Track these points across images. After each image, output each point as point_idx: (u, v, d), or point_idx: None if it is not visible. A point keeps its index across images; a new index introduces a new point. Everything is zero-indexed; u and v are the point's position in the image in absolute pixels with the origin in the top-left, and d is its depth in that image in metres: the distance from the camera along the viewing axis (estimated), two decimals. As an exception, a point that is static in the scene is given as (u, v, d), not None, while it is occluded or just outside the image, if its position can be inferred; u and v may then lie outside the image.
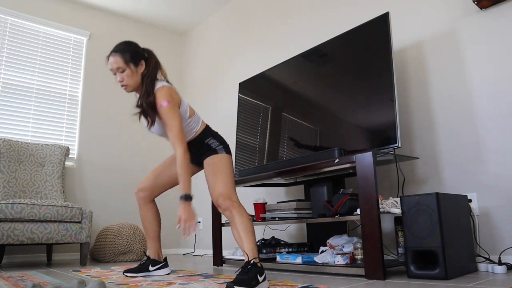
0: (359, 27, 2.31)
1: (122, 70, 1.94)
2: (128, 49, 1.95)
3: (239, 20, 3.92)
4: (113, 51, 1.95)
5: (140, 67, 1.97)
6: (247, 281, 1.46)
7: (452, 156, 2.17)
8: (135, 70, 1.96)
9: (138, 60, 1.96)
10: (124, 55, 1.93)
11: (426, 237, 1.68)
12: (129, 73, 1.94)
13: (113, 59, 1.94)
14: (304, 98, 2.57)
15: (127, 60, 1.93)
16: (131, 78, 1.95)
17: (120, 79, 1.96)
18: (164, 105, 1.86)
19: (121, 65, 1.93)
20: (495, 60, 2.06)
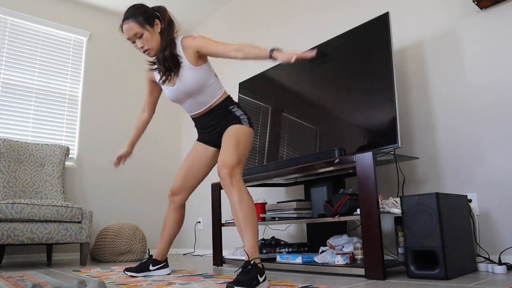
0: (359, 27, 2.31)
1: (139, 35, 1.86)
2: (139, 12, 1.86)
3: (239, 20, 3.92)
4: (124, 19, 1.87)
5: (156, 26, 1.89)
6: (247, 282, 1.44)
7: (452, 156, 2.17)
8: (153, 31, 1.88)
9: (152, 20, 1.88)
10: (137, 19, 1.84)
11: (426, 237, 1.68)
12: (147, 35, 1.86)
13: (128, 26, 1.85)
14: (304, 98, 2.57)
15: (142, 22, 1.85)
16: (151, 40, 1.87)
17: (140, 45, 1.88)
18: (195, 36, 1.83)
19: (138, 30, 1.85)
20: (495, 60, 2.06)
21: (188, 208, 4.28)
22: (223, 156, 1.75)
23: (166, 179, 4.35)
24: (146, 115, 2.27)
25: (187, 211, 4.28)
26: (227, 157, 1.74)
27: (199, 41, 1.83)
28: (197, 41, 1.84)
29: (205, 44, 1.82)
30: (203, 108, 1.98)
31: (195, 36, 1.86)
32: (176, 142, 4.53)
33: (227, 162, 1.72)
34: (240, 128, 1.87)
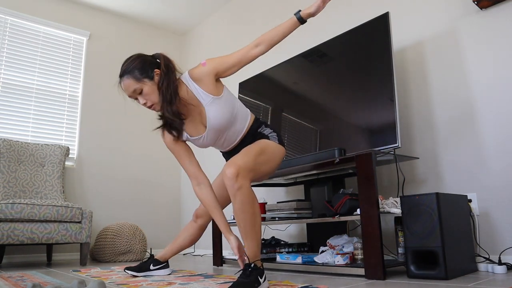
0: (359, 27, 2.31)
1: (139, 91, 1.67)
2: (134, 66, 1.68)
3: (239, 20, 3.92)
4: (120, 75, 1.70)
5: (157, 76, 1.68)
6: (249, 285, 1.44)
7: (452, 156, 2.17)
8: (153, 83, 1.67)
9: (150, 71, 1.67)
10: (133, 74, 1.66)
11: (426, 237, 1.68)
12: (147, 90, 1.66)
13: (125, 84, 1.69)
14: (304, 98, 2.57)
15: (138, 77, 1.66)
16: (152, 94, 1.66)
17: (142, 101, 1.68)
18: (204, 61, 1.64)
19: (135, 86, 1.66)
20: (495, 60, 2.06)
21: (188, 208, 4.28)
22: (237, 156, 1.55)
23: (167, 179, 4.35)
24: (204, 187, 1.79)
25: (188, 210, 4.28)
26: (240, 158, 1.52)
27: (211, 63, 1.64)
28: (209, 64, 1.64)
29: (220, 62, 1.63)
30: (239, 137, 1.78)
31: (203, 62, 1.65)
32: (176, 142, 4.52)
33: (237, 162, 1.50)
34: (268, 142, 1.69)
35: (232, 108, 1.70)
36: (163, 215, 4.25)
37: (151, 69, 1.68)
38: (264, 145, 1.67)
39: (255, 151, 1.60)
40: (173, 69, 1.71)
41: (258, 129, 1.79)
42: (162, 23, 4.53)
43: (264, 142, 1.70)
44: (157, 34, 4.62)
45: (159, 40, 4.63)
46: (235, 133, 1.76)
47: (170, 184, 4.36)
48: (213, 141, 1.76)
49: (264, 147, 1.66)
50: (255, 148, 1.62)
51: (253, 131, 1.78)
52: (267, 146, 1.67)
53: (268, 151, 1.66)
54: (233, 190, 1.48)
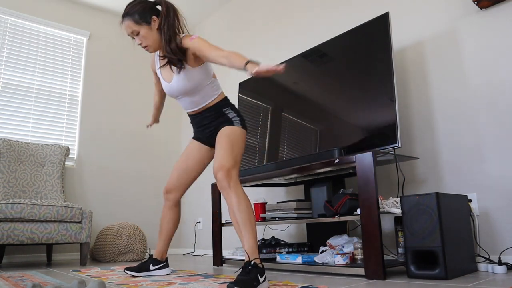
0: (359, 27, 2.31)
1: (136, 32, 1.88)
2: (135, 10, 1.87)
3: (239, 20, 3.92)
4: (122, 16, 1.90)
5: (154, 23, 1.89)
6: (248, 282, 1.45)
7: (452, 156, 2.17)
8: (150, 28, 1.88)
9: (149, 17, 1.88)
10: (133, 17, 1.86)
11: (426, 237, 1.68)
12: (144, 33, 1.88)
13: (125, 24, 1.89)
14: (304, 98, 2.57)
15: (137, 20, 1.86)
16: (149, 37, 1.89)
17: (138, 42, 1.91)
18: (194, 37, 1.82)
19: (134, 28, 1.87)
20: (495, 60, 2.06)
21: (188, 208, 4.28)
22: (219, 159, 1.77)
23: (167, 179, 4.35)
24: (157, 98, 2.31)
25: (187, 211, 4.28)
26: (222, 160, 1.75)
27: (196, 42, 1.81)
28: (194, 42, 1.81)
29: (201, 46, 1.79)
30: (198, 108, 2.01)
31: (193, 37, 1.84)
32: (176, 142, 4.53)
33: (223, 164, 1.73)
34: (233, 130, 1.88)
35: (198, 83, 1.92)
36: (163, 215, 4.24)
37: (150, 15, 1.89)
38: (231, 135, 1.86)
39: (228, 147, 1.80)
40: (175, 14, 1.91)
41: (223, 108, 1.97)
42: (162, 23, 4.52)
43: (230, 131, 1.87)
44: (157, 34, 4.61)
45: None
46: (194, 102, 1.99)
47: (170, 184, 4.36)
48: (172, 95, 2.02)
49: (232, 138, 1.85)
50: (227, 143, 1.82)
51: (217, 109, 1.97)
52: (234, 135, 1.86)
53: (236, 140, 1.85)
54: (227, 190, 1.70)
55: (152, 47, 1.92)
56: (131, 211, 4.02)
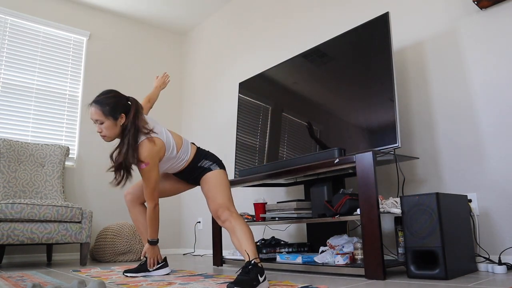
0: (359, 27, 2.31)
1: (100, 122, 1.93)
2: (108, 102, 1.92)
3: (239, 20, 3.92)
4: (93, 102, 1.94)
5: (120, 119, 1.95)
6: (248, 282, 1.45)
7: (452, 156, 2.17)
8: (114, 123, 1.94)
9: (118, 113, 1.93)
10: (103, 108, 1.91)
11: (426, 237, 1.68)
12: (107, 125, 1.93)
13: (92, 110, 1.93)
14: (304, 98, 2.57)
15: (106, 113, 1.91)
16: (110, 130, 1.95)
17: (98, 129, 1.96)
18: (143, 167, 1.91)
19: (99, 117, 1.92)
20: (495, 60, 2.06)
21: (188, 208, 4.28)
22: (216, 200, 1.91)
23: (166, 179, 4.35)
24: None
25: (187, 211, 4.28)
26: (220, 201, 1.90)
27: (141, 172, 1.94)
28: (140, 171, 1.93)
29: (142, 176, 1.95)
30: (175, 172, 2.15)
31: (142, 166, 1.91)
32: (176, 142, 4.52)
33: (220, 203, 1.89)
34: (213, 174, 2.02)
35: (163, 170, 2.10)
36: (163, 216, 4.24)
37: (119, 112, 1.94)
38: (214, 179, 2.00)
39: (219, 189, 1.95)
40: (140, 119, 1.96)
41: (199, 163, 2.07)
42: (162, 23, 4.53)
43: (212, 176, 2.02)
44: (157, 34, 4.62)
45: (159, 40, 4.63)
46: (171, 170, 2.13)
47: (170, 184, 4.36)
48: None
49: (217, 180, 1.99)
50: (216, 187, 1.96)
51: (192, 166, 2.08)
52: (216, 178, 2.00)
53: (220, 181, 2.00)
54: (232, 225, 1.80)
55: (109, 138, 1.99)
56: (131, 211, 4.02)
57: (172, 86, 4.64)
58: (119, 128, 1.96)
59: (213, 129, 4.04)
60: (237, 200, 3.48)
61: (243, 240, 1.72)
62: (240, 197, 3.49)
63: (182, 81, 4.71)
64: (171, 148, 2.01)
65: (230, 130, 3.77)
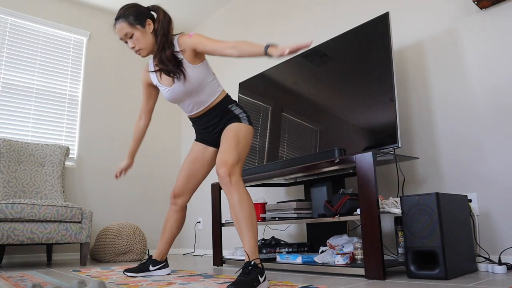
0: (359, 27, 2.31)
1: (130, 35, 1.84)
2: (130, 12, 1.84)
3: (239, 20, 3.92)
4: (116, 18, 1.86)
5: (148, 26, 1.85)
6: (248, 283, 1.44)
7: (452, 156, 2.17)
8: (144, 31, 1.84)
9: (143, 20, 1.84)
10: (128, 19, 1.82)
11: (426, 237, 1.68)
12: (138, 35, 1.83)
13: (119, 26, 1.84)
14: (304, 98, 2.57)
15: (132, 22, 1.82)
16: (142, 40, 1.84)
17: (131, 45, 1.86)
18: (192, 34, 1.79)
19: (128, 30, 1.83)
20: (495, 60, 2.06)
21: (188, 208, 4.28)
22: (223, 154, 1.73)
23: (166, 178, 4.35)
24: (143, 122, 2.19)
25: (187, 211, 4.28)
26: (226, 155, 1.72)
27: (195, 38, 1.79)
28: (193, 38, 1.79)
29: (201, 41, 1.77)
30: (202, 108, 1.95)
31: (190, 34, 1.82)
32: (176, 142, 4.53)
33: (227, 160, 1.70)
34: (240, 126, 1.85)
35: (202, 80, 1.88)
36: (164, 215, 4.24)
37: (145, 18, 1.85)
38: (238, 131, 1.83)
39: (234, 142, 1.77)
40: (170, 24, 1.87)
41: (229, 105, 1.94)
42: (162, 23, 4.52)
43: (237, 127, 1.84)
44: (157, 34, 4.61)
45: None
46: (199, 103, 1.93)
47: (170, 184, 4.36)
48: (175, 99, 1.95)
49: (238, 134, 1.82)
50: (232, 139, 1.79)
51: (223, 106, 1.93)
52: (240, 131, 1.83)
53: (242, 136, 1.82)
54: (229, 186, 1.67)
55: (145, 50, 1.87)
56: (131, 211, 4.02)
57: (172, 86, 4.64)
58: (150, 35, 1.85)
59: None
60: (237, 200, 3.47)
61: (244, 231, 1.62)
62: (240, 197, 3.49)
63: (182, 81, 4.71)
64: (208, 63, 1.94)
65: (230, 130, 3.76)
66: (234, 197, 1.66)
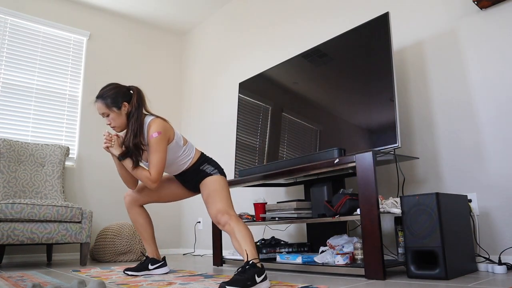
0: (359, 27, 2.31)
1: (106, 114, 2.01)
2: (108, 94, 2.01)
3: (239, 20, 3.92)
4: (96, 97, 2.03)
5: (123, 108, 2.02)
6: (241, 282, 1.45)
7: (452, 156, 2.17)
8: (119, 112, 2.01)
9: (119, 102, 2.01)
10: (105, 101, 1.99)
11: (426, 237, 1.68)
12: (113, 116, 2.01)
13: (97, 105, 2.03)
14: (304, 98, 2.57)
15: (108, 104, 1.99)
16: (117, 120, 2.02)
17: (107, 122, 2.04)
18: (155, 136, 1.92)
19: (104, 110, 2.00)
20: (495, 60, 2.06)
21: (188, 208, 4.28)
22: (215, 206, 1.90)
23: (166, 179, 4.35)
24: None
25: (187, 211, 4.28)
26: (219, 205, 1.89)
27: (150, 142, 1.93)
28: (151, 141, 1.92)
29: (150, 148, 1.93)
30: (177, 172, 2.13)
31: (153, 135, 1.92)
32: (176, 142, 4.52)
33: (220, 208, 1.87)
34: (214, 179, 2.02)
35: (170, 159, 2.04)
36: (163, 215, 4.25)
37: (121, 101, 2.02)
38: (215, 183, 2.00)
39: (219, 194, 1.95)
40: (143, 105, 2.07)
41: (201, 166, 2.08)
42: (162, 23, 4.53)
43: (213, 180, 2.01)
44: (157, 34, 4.62)
45: (159, 40, 4.63)
46: (175, 170, 2.11)
47: (170, 184, 4.36)
48: None
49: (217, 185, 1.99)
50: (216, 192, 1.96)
51: (195, 168, 2.08)
52: (217, 183, 2.00)
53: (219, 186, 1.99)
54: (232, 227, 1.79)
55: (119, 128, 2.05)
56: (131, 211, 4.02)
57: (172, 86, 4.64)
58: (124, 116, 2.03)
59: (213, 129, 4.04)
60: (237, 200, 3.48)
61: (242, 241, 1.72)
62: (240, 197, 3.49)
63: (182, 81, 4.71)
64: (179, 135, 2.05)
65: (230, 130, 3.76)
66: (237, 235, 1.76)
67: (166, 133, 1.95)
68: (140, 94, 2.08)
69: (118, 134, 2.09)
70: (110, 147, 2.02)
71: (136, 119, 1.99)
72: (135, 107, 2.02)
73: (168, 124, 2.00)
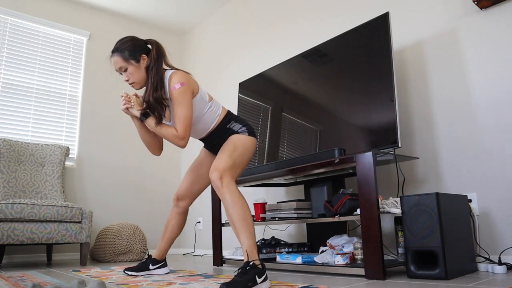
0: (359, 27, 2.32)
1: (124, 69, 1.91)
2: (125, 46, 1.91)
3: (239, 20, 3.92)
4: (112, 51, 1.94)
5: (142, 61, 1.91)
6: (241, 283, 1.43)
7: (452, 156, 2.17)
8: (138, 65, 1.90)
9: (138, 55, 1.90)
10: (123, 54, 1.90)
11: (426, 237, 1.68)
12: (131, 70, 1.90)
13: (114, 59, 1.93)
14: (304, 98, 2.57)
15: (126, 57, 1.89)
16: (136, 74, 1.90)
17: (125, 78, 1.93)
18: (177, 87, 1.78)
19: (122, 64, 1.90)
20: (495, 60, 2.06)
21: (188, 208, 4.27)
22: (216, 161, 1.76)
23: (167, 179, 4.35)
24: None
25: (187, 211, 4.28)
26: (219, 161, 1.74)
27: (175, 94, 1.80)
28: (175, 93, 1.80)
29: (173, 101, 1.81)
30: (204, 134, 2.01)
31: (176, 86, 1.80)
32: (176, 142, 4.52)
33: (219, 165, 1.72)
34: (238, 137, 1.89)
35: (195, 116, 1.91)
36: (164, 215, 4.25)
37: (139, 53, 1.91)
38: (235, 140, 1.86)
39: (229, 150, 1.80)
40: (163, 57, 1.94)
41: (228, 124, 1.95)
42: (162, 23, 4.53)
43: (235, 137, 1.88)
44: (157, 34, 4.62)
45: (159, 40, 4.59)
46: (198, 131, 1.98)
47: (170, 184, 4.36)
48: None
49: (236, 142, 1.84)
50: (229, 147, 1.82)
51: (222, 127, 1.95)
52: (238, 140, 1.86)
53: (239, 145, 1.84)
54: (221, 190, 1.67)
55: (138, 84, 1.93)
56: (131, 211, 4.02)
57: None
58: (143, 70, 1.91)
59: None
60: (237, 200, 3.48)
61: (240, 231, 1.61)
62: (240, 197, 3.49)
63: (182, 81, 4.71)
64: (203, 90, 1.94)
65: (230, 130, 3.76)
66: (226, 200, 1.66)
67: (189, 84, 1.82)
68: (159, 47, 1.96)
69: (137, 94, 1.96)
70: (130, 107, 1.89)
71: (156, 72, 1.86)
72: (154, 59, 1.89)
73: (191, 77, 1.88)
